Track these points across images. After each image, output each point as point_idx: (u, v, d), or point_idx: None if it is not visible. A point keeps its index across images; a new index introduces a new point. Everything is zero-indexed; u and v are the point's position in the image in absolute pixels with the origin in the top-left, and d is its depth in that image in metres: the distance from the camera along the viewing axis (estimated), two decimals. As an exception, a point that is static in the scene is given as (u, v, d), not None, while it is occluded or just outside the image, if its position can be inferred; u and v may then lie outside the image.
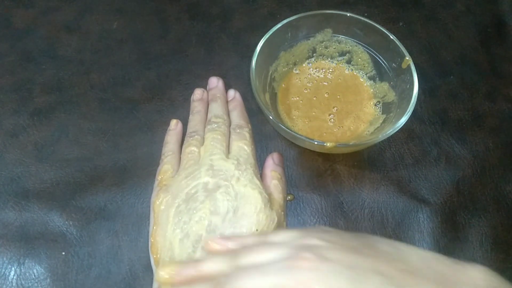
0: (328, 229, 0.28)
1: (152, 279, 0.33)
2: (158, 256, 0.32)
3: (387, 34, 0.41)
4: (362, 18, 0.42)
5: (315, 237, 0.26)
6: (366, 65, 0.44)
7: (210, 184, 0.34)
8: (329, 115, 0.43)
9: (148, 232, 0.35)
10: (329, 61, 0.46)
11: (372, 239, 0.27)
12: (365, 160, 0.42)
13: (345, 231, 0.28)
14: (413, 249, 0.26)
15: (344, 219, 0.39)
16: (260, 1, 0.52)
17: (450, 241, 0.38)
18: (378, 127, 0.41)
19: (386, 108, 0.42)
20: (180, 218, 0.33)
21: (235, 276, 0.26)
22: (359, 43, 0.44)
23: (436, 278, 0.24)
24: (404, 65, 0.40)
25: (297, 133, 0.36)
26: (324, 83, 0.45)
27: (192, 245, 0.31)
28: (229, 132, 0.39)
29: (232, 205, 0.33)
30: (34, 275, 0.36)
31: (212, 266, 0.28)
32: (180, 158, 0.38)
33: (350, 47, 0.44)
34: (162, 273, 0.28)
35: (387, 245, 0.26)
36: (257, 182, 0.35)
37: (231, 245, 0.29)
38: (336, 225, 0.39)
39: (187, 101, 0.44)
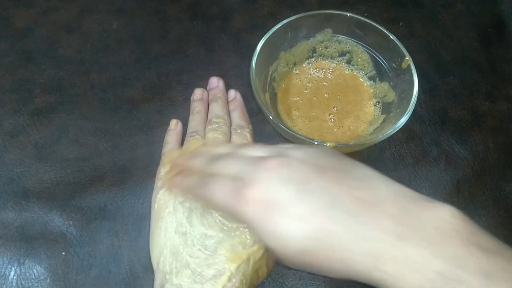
0: (313, 147, 0.29)
1: (152, 279, 0.33)
2: (159, 255, 0.32)
3: (387, 34, 0.41)
4: (362, 18, 0.42)
5: (301, 150, 0.27)
6: (366, 65, 0.44)
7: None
8: (329, 115, 0.43)
9: (148, 232, 0.35)
10: (329, 61, 0.46)
11: (351, 163, 0.27)
12: (365, 160, 0.41)
13: (330, 151, 0.28)
14: (385, 181, 0.25)
15: (344, 219, 0.39)
16: (260, 1, 0.52)
17: (450, 241, 0.38)
18: (378, 127, 0.41)
19: (386, 108, 0.42)
20: (179, 215, 0.33)
21: (227, 159, 0.29)
22: (359, 43, 0.44)
23: (395, 214, 0.22)
24: (404, 65, 0.40)
25: (297, 133, 0.36)
26: (324, 83, 0.45)
27: (194, 244, 0.31)
28: (230, 132, 0.39)
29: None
30: (34, 275, 0.36)
31: (222, 149, 0.31)
32: (180, 158, 0.38)
33: (350, 47, 0.45)
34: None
35: (360, 173, 0.26)
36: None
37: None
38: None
39: (187, 101, 0.44)
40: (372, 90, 0.44)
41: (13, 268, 0.36)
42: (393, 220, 0.22)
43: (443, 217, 0.22)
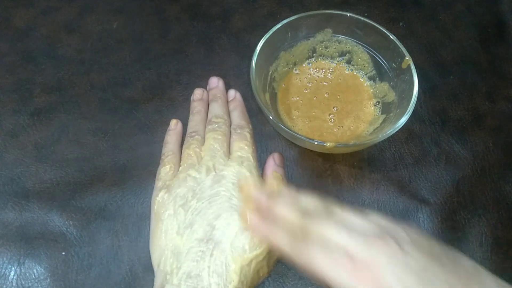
0: (419, 232, 0.28)
1: (152, 279, 0.33)
2: (160, 256, 0.32)
3: (387, 34, 0.41)
4: (362, 18, 0.42)
5: (403, 230, 0.27)
6: (366, 65, 0.44)
7: (210, 184, 0.34)
8: (329, 115, 0.43)
9: (148, 232, 0.35)
10: (329, 61, 0.46)
11: (458, 256, 0.27)
12: (365, 160, 0.42)
13: (428, 237, 0.28)
14: (492, 275, 0.26)
15: (344, 219, 0.39)
16: (260, 1, 0.52)
17: (450, 241, 0.38)
18: (378, 127, 0.41)
19: (386, 108, 0.42)
20: (180, 218, 0.33)
21: (327, 222, 0.27)
22: (359, 43, 0.44)
23: None
24: (404, 65, 0.40)
25: (297, 133, 0.36)
26: (324, 83, 0.45)
27: (194, 243, 0.31)
28: (230, 132, 0.39)
29: (232, 204, 0.33)
30: (34, 275, 0.36)
31: (311, 203, 0.29)
32: (180, 158, 0.38)
33: (350, 47, 0.45)
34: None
35: (468, 264, 0.26)
36: (258, 182, 0.35)
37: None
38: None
39: (187, 101, 0.44)
40: (372, 90, 0.44)
41: (13, 268, 0.36)
42: None
43: None
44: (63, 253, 0.36)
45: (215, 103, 0.41)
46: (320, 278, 0.26)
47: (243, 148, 0.37)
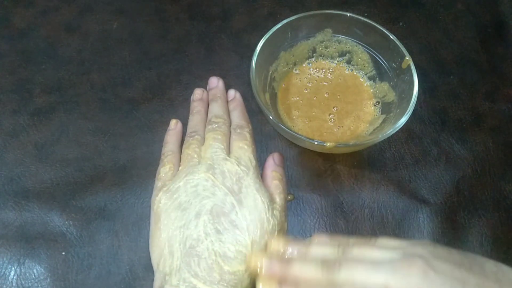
0: (434, 244, 0.28)
1: (152, 279, 0.33)
2: (159, 256, 0.32)
3: (387, 34, 0.41)
4: (362, 18, 0.42)
5: (423, 249, 0.26)
6: (366, 65, 0.44)
7: (210, 184, 0.34)
8: (329, 115, 0.43)
9: (148, 232, 0.35)
10: (329, 61, 0.46)
11: (477, 257, 0.27)
12: (365, 160, 0.42)
13: (451, 248, 0.28)
14: None
15: (344, 219, 0.39)
16: (260, 1, 0.52)
17: (450, 241, 0.38)
18: (378, 127, 0.41)
19: (386, 108, 0.42)
20: (180, 218, 0.33)
21: (347, 264, 0.26)
22: (359, 43, 0.44)
23: None
24: (404, 65, 0.40)
25: (297, 133, 0.36)
26: (324, 83, 0.45)
27: (192, 244, 0.31)
28: (230, 132, 0.39)
29: (232, 205, 0.33)
30: (34, 275, 0.36)
31: (322, 251, 0.29)
32: (180, 158, 0.38)
33: (350, 47, 0.45)
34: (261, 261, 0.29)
35: (492, 265, 0.26)
36: (258, 182, 0.35)
37: (340, 240, 0.30)
38: (336, 225, 0.39)
39: (187, 101, 0.44)
40: (372, 90, 0.44)
41: (13, 268, 0.36)
42: None
43: None
44: (63, 253, 0.36)
45: (215, 103, 0.41)
46: None
47: (242, 147, 0.37)
